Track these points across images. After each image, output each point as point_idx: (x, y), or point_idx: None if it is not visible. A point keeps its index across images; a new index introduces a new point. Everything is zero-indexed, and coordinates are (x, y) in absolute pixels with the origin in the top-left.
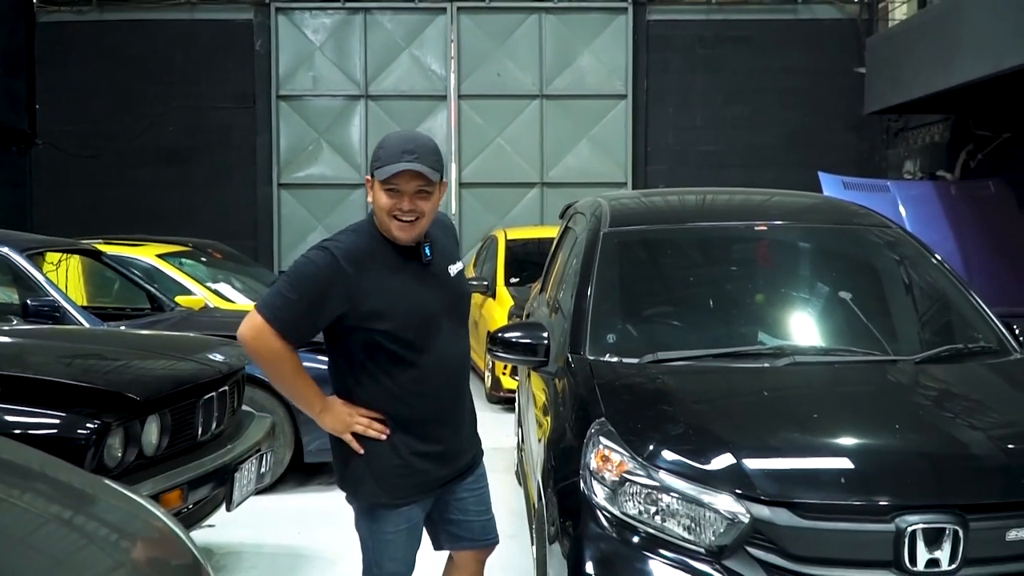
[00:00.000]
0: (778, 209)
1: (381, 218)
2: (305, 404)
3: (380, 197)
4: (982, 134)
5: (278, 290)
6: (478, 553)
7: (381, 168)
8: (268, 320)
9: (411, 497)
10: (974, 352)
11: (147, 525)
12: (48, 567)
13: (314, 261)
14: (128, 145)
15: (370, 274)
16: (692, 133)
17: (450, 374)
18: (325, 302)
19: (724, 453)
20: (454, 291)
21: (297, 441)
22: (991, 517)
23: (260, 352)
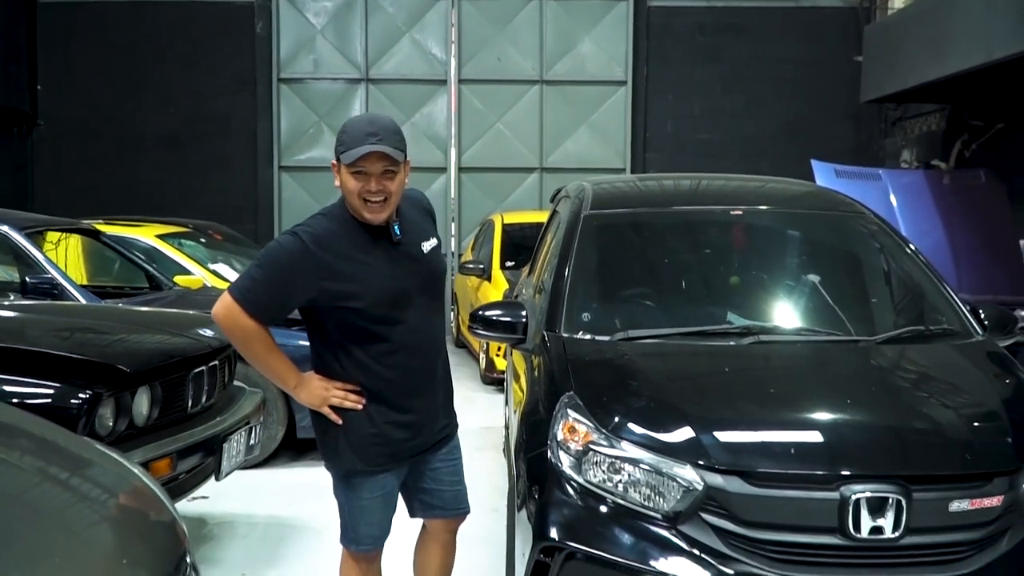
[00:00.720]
0: (756, 195)
1: (351, 201)
2: (280, 380)
3: (348, 181)
4: (976, 124)
5: (249, 272)
6: (449, 522)
7: (346, 152)
8: (238, 301)
9: (385, 465)
10: (936, 334)
11: (130, 485)
12: (39, 521)
13: (283, 245)
14: (129, 127)
15: (340, 256)
16: (691, 121)
17: (423, 347)
18: (294, 285)
19: (683, 426)
20: (426, 268)
21: (290, 418)
22: (934, 489)
23: (233, 331)
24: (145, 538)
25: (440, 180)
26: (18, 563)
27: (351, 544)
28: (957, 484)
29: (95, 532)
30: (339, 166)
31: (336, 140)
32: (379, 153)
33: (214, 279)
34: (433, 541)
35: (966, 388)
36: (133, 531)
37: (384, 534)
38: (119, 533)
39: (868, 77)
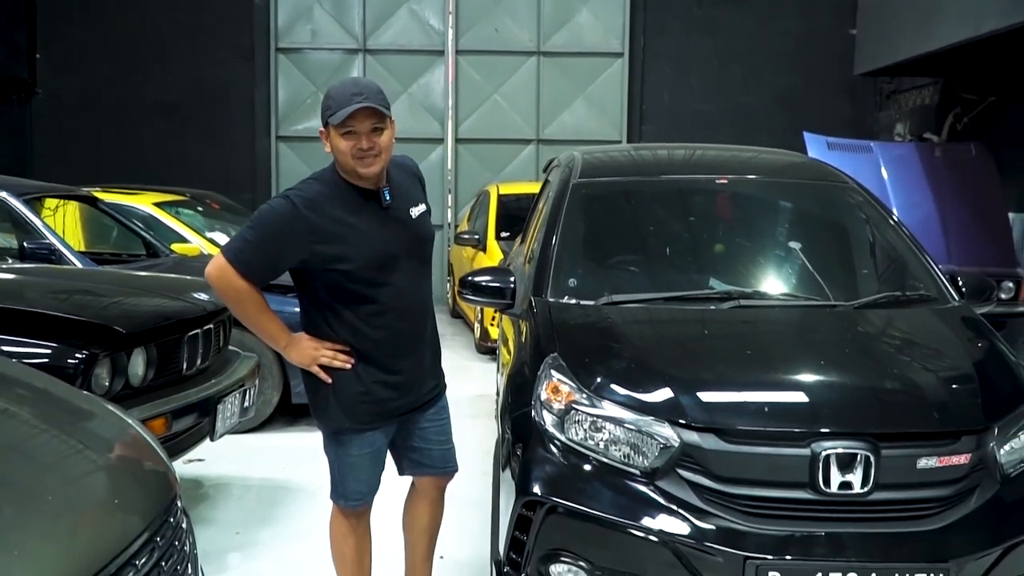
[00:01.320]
0: (743, 165)
1: (343, 162)
2: (271, 339)
3: (339, 142)
4: (968, 97)
5: (242, 234)
6: (437, 480)
7: (335, 114)
8: (231, 261)
9: (373, 423)
10: (912, 299)
11: (125, 434)
12: (34, 467)
13: (275, 208)
14: (127, 96)
15: (330, 219)
16: (687, 93)
17: (410, 309)
18: (285, 247)
19: (662, 386)
20: (415, 232)
21: (285, 383)
22: (902, 446)
23: (225, 291)
24: (137, 483)
25: (437, 151)
26: (11, 499)
27: (340, 499)
28: (925, 442)
29: (89, 477)
30: (327, 132)
31: (322, 107)
32: (367, 110)
33: (211, 247)
34: (422, 499)
35: (938, 350)
36: (126, 477)
37: (372, 491)
38: (112, 478)
39: (862, 50)
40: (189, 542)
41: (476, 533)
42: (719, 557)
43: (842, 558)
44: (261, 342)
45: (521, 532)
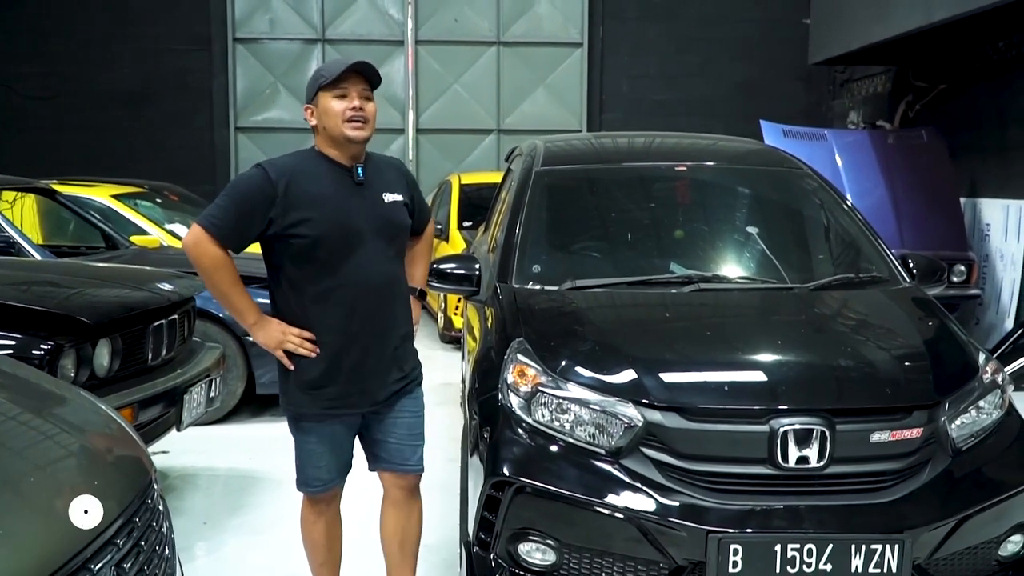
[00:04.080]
0: (702, 152)
1: (333, 126)
2: (239, 315)
3: (330, 104)
4: (920, 85)
5: (216, 202)
6: (396, 478)
7: (328, 77)
8: (204, 228)
9: (331, 411)
10: (865, 281)
11: (98, 419)
12: (8, 457)
13: (247, 175)
14: (84, 87)
15: (299, 184)
16: (646, 82)
17: (373, 291)
18: (254, 209)
19: (625, 367)
20: (384, 213)
21: (250, 374)
22: (856, 421)
23: (200, 259)
24: (113, 467)
25: (398, 141)
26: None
27: (301, 485)
28: (878, 416)
29: (65, 460)
30: (316, 101)
31: (311, 84)
32: (360, 72)
33: (171, 239)
34: (386, 500)
35: (890, 329)
36: (101, 461)
37: (333, 478)
38: (89, 461)
39: (815, 39)
40: (166, 525)
41: (444, 517)
42: (683, 532)
43: (800, 530)
44: (224, 334)
45: (490, 512)
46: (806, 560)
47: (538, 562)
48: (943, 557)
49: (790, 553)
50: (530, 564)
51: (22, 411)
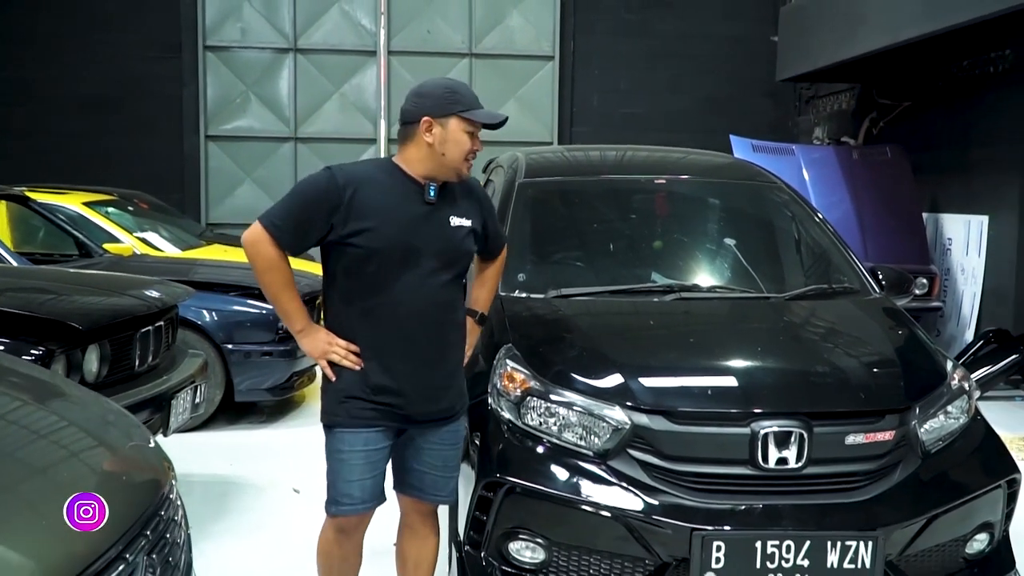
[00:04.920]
0: (680, 165)
1: (453, 155)
2: (288, 319)
3: (460, 137)
4: (884, 102)
5: (279, 201)
6: (416, 504)
7: (472, 111)
8: (265, 227)
9: (368, 421)
10: (838, 291)
11: (119, 418)
12: (23, 464)
13: (313, 177)
14: (53, 94)
15: (366, 192)
16: (616, 96)
17: (423, 311)
18: (317, 213)
19: (612, 372)
20: (448, 236)
21: (228, 381)
22: (832, 424)
23: (255, 257)
24: (137, 464)
25: (370, 151)
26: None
27: (331, 505)
28: (853, 420)
29: (91, 455)
30: (439, 121)
31: (441, 99)
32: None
33: (143, 247)
34: (404, 526)
35: (863, 338)
36: (125, 461)
37: (366, 498)
38: (104, 469)
39: (783, 57)
40: (183, 535)
41: None
42: (668, 530)
43: (780, 528)
44: (203, 341)
45: (481, 512)
46: (785, 556)
47: (528, 560)
48: (913, 554)
49: (770, 549)
50: (520, 562)
51: (35, 413)
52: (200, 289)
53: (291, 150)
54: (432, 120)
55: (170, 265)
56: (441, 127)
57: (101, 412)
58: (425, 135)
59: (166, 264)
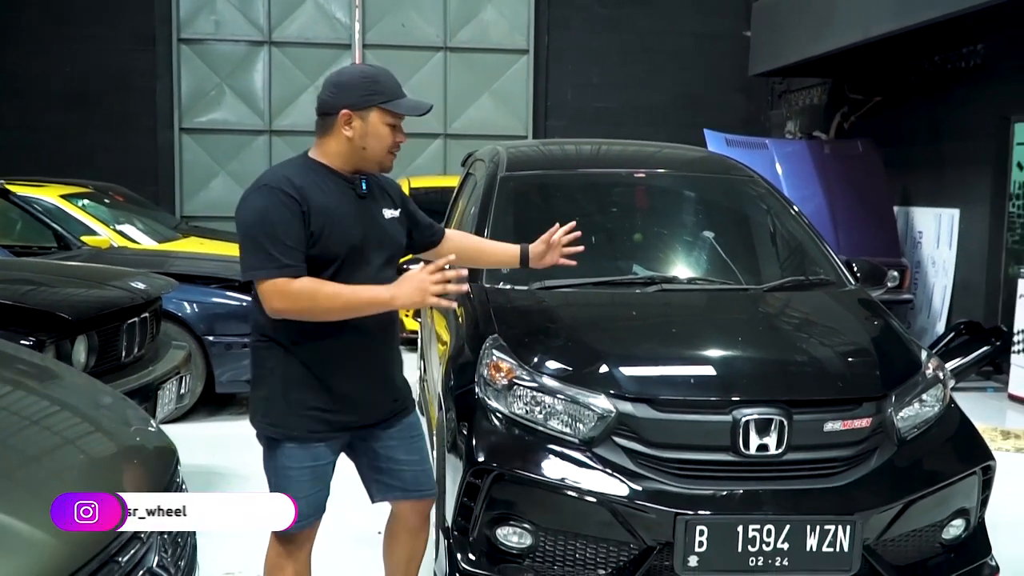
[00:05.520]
0: (659, 159)
1: (374, 148)
2: (372, 304)
3: (381, 128)
4: (855, 97)
5: (256, 248)
6: (415, 505)
7: (394, 102)
8: (272, 276)
9: (318, 434)
10: (814, 283)
11: (132, 414)
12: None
13: (261, 202)
14: (25, 87)
15: (312, 198)
16: (590, 90)
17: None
18: (297, 228)
19: (597, 361)
20: (385, 230)
21: (209, 373)
22: (811, 411)
23: (300, 303)
24: (149, 444)
25: None
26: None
27: None
28: (831, 407)
29: (100, 453)
30: (359, 113)
31: (361, 89)
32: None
33: (120, 239)
34: (399, 527)
35: (839, 328)
36: (137, 441)
37: (312, 513)
38: (127, 441)
39: (755, 52)
40: None
41: None
42: (652, 514)
43: (761, 512)
44: (184, 333)
45: (469, 499)
46: (766, 540)
47: (515, 545)
48: (891, 539)
49: (751, 533)
50: (507, 547)
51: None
52: (180, 281)
53: (266, 143)
54: (351, 112)
55: (149, 257)
56: (361, 120)
57: (104, 397)
58: (344, 128)
59: (145, 256)
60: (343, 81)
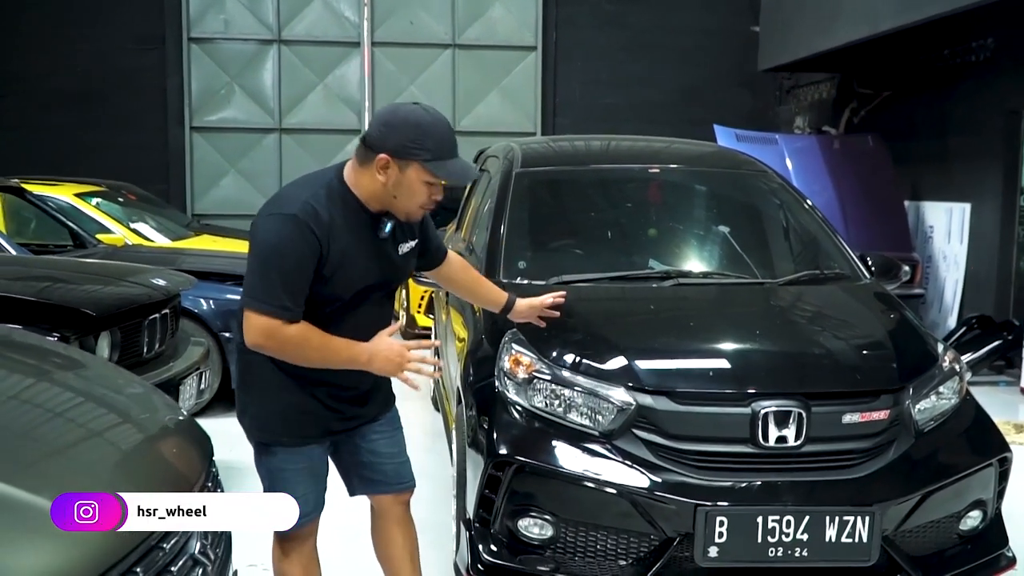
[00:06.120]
0: (671, 155)
1: (406, 200)
2: (351, 362)
3: (417, 187)
4: (864, 92)
5: (261, 277)
6: (396, 497)
7: (438, 163)
8: (271, 315)
9: (311, 438)
10: (829, 277)
11: (160, 400)
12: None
13: (285, 234)
14: (35, 86)
15: (335, 239)
16: (597, 87)
17: (364, 334)
18: (308, 270)
19: (616, 354)
20: (397, 268)
21: (225, 369)
22: (829, 403)
23: (284, 348)
24: (189, 432)
25: (353, 142)
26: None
27: None
28: (849, 400)
29: (140, 444)
30: (398, 162)
31: (407, 139)
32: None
33: (135, 237)
34: (386, 521)
35: (856, 321)
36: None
37: (312, 510)
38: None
39: (764, 48)
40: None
41: (431, 501)
42: (672, 506)
43: (780, 503)
44: (200, 329)
45: (490, 491)
46: (785, 531)
47: (536, 536)
48: (909, 530)
49: (771, 524)
50: (529, 538)
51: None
52: (196, 278)
53: (275, 141)
54: (390, 160)
55: (165, 255)
56: (399, 170)
57: (140, 389)
58: (379, 172)
59: (161, 254)
60: (394, 123)
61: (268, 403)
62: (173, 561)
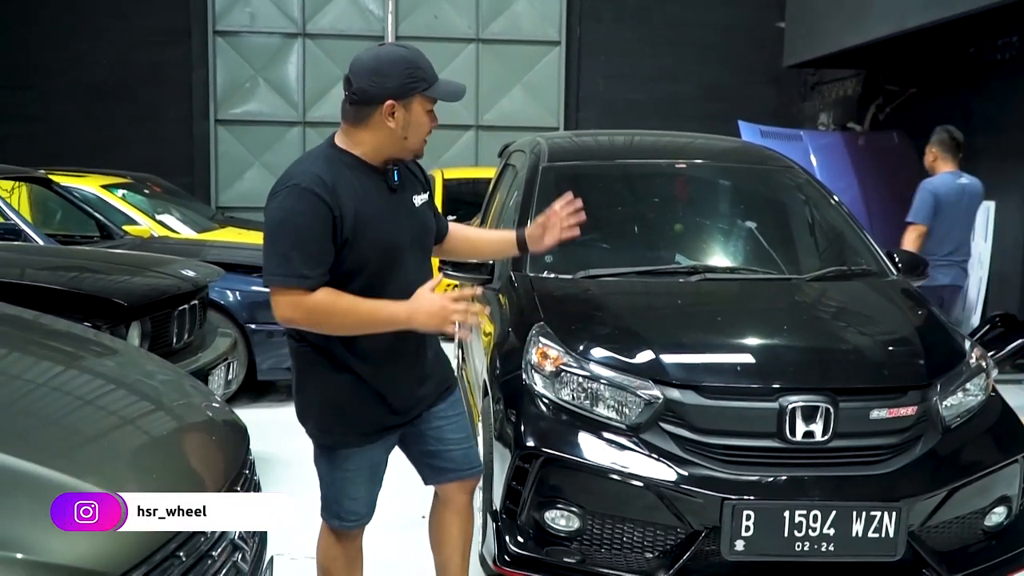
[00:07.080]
0: (697, 150)
1: (414, 137)
2: (390, 322)
3: (422, 116)
4: (890, 88)
5: (277, 251)
6: (464, 484)
7: (435, 87)
8: (294, 287)
9: (372, 436)
10: (856, 273)
11: (198, 391)
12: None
13: (291, 205)
14: (61, 78)
15: (345, 201)
16: (620, 82)
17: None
18: (325, 239)
19: (644, 348)
20: (419, 221)
21: (251, 360)
22: (857, 399)
23: (314, 316)
24: (228, 418)
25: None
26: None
27: (333, 519)
28: (877, 395)
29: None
30: (403, 103)
31: (403, 77)
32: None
33: (161, 229)
34: (448, 510)
35: (884, 317)
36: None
37: (368, 512)
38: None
39: (790, 43)
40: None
41: None
42: (699, 499)
43: (807, 498)
44: (226, 320)
45: (518, 483)
46: (812, 525)
47: (563, 528)
48: (935, 525)
49: (797, 519)
50: (555, 530)
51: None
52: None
53: (299, 134)
54: (396, 103)
55: (192, 247)
56: (405, 110)
57: (183, 380)
58: (387, 119)
59: (188, 246)
60: (384, 69)
61: (327, 401)
62: (214, 546)
